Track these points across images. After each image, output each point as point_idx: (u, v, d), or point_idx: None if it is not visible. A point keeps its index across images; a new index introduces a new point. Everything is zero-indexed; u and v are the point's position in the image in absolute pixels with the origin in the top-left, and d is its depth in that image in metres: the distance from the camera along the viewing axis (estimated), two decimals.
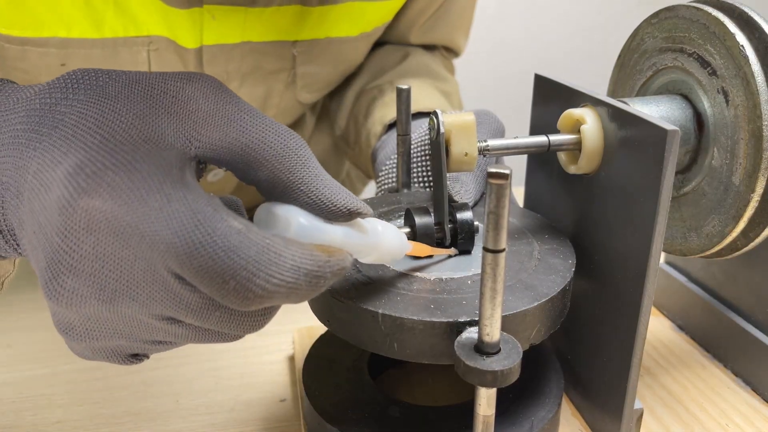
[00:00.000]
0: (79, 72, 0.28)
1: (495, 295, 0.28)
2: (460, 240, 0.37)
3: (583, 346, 0.41)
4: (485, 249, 0.27)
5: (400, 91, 0.42)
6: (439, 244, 0.38)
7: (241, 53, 0.57)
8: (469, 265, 0.36)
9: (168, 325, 0.28)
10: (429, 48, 0.76)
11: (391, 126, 0.61)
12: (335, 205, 0.29)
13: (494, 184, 0.25)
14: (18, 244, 0.30)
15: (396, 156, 0.45)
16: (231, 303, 0.25)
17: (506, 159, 0.60)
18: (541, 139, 0.38)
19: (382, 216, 0.41)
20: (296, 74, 0.63)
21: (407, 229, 0.37)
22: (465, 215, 0.37)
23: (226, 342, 0.30)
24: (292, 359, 0.52)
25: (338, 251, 0.28)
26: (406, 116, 0.43)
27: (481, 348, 0.29)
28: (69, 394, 0.48)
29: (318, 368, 0.42)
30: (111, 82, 0.28)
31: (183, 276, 0.25)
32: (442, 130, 0.37)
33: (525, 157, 0.43)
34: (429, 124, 0.38)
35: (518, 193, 0.68)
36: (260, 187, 0.30)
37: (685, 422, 0.43)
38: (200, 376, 0.50)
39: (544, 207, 0.45)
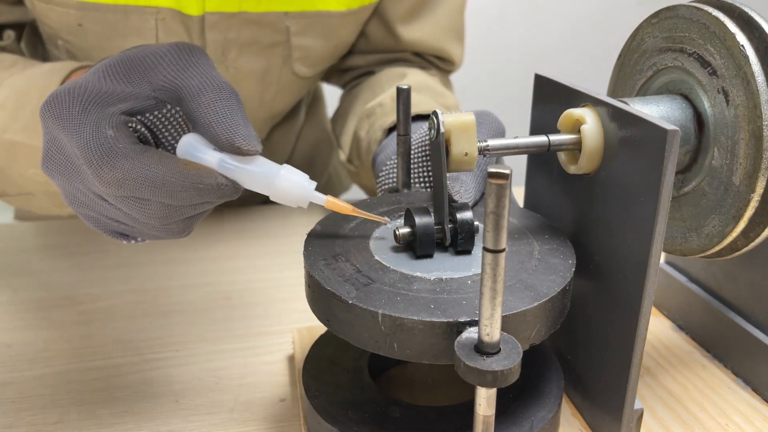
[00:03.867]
0: (113, 56, 0.39)
1: (495, 295, 0.28)
2: (460, 240, 0.37)
3: (583, 346, 0.41)
4: (485, 249, 0.27)
5: (400, 91, 0.42)
6: (439, 244, 0.38)
7: (239, 22, 0.64)
8: (469, 265, 0.36)
9: (106, 204, 0.36)
10: (424, 66, 0.78)
11: (390, 130, 0.63)
12: (219, 138, 0.35)
13: (494, 184, 0.25)
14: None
15: (396, 156, 0.45)
16: (100, 181, 0.34)
17: (506, 159, 0.60)
18: (541, 139, 0.38)
19: (381, 215, 0.41)
20: (291, 47, 0.69)
21: (407, 229, 0.37)
22: (465, 215, 0.37)
23: (152, 231, 0.38)
24: (292, 359, 0.52)
25: (207, 169, 0.35)
26: (405, 116, 0.43)
27: (481, 348, 0.29)
28: (69, 394, 0.48)
29: (318, 368, 0.42)
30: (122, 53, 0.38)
31: (81, 163, 0.34)
32: (442, 130, 0.37)
33: (525, 157, 0.43)
34: (429, 124, 0.38)
35: (518, 193, 0.68)
36: (188, 120, 0.37)
37: (685, 422, 0.43)
38: (200, 376, 0.50)
39: (544, 207, 0.45)
